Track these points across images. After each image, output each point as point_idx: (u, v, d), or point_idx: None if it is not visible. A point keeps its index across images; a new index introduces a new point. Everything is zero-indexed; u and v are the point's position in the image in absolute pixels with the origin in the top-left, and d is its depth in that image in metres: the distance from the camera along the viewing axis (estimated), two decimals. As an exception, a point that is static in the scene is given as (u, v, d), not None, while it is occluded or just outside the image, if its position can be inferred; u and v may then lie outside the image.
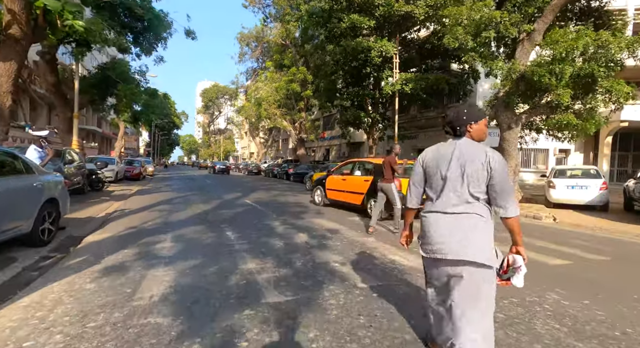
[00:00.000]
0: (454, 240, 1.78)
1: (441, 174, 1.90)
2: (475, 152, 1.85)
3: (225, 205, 9.20)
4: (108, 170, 15.90)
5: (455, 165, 1.84)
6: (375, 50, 15.44)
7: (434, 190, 1.94)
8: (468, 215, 1.80)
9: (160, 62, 15.42)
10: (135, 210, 8.14)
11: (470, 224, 1.78)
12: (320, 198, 9.73)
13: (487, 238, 1.79)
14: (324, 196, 9.61)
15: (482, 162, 1.80)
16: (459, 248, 1.76)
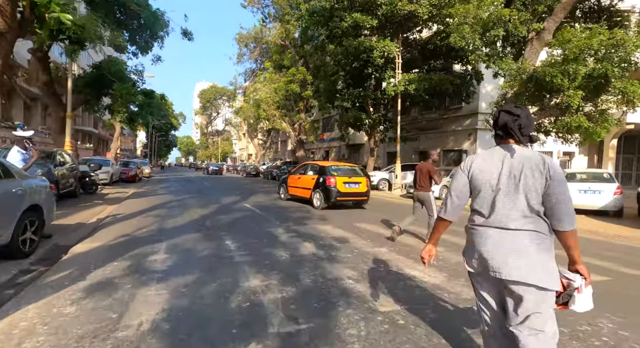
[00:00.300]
0: (515, 260, 1.56)
1: (493, 185, 1.65)
2: (533, 159, 1.60)
3: (224, 210, 8.78)
4: (102, 172, 15.44)
5: (511, 175, 1.62)
6: (378, 50, 15.09)
7: (485, 202, 1.69)
8: (529, 233, 1.58)
9: (157, 61, 14.99)
10: (129, 215, 7.71)
11: (532, 243, 1.57)
12: (283, 194, 11.81)
13: (551, 259, 1.60)
14: (286, 192, 11.63)
15: (541, 170, 1.57)
16: (524, 270, 1.54)
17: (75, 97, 13.52)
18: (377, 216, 8.47)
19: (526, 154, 1.63)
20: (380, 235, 5.85)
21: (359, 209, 10.04)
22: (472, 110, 19.95)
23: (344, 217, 7.95)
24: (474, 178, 1.72)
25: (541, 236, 1.58)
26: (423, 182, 5.47)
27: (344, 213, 8.67)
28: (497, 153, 1.71)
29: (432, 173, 5.42)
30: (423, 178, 5.46)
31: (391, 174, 18.21)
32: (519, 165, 1.60)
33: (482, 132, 19.63)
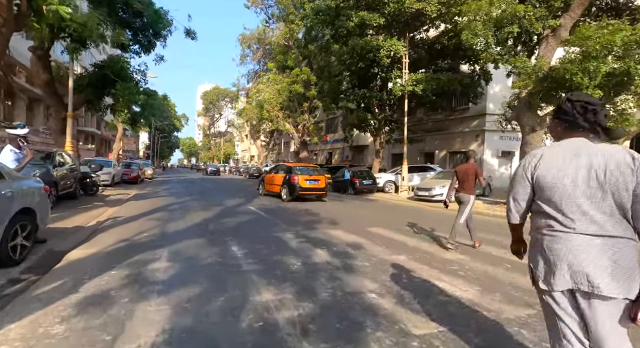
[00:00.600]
0: (611, 272, 1.33)
1: (567, 184, 1.42)
2: (618, 155, 1.37)
3: (228, 213, 8.44)
4: (104, 173, 15.15)
5: (591, 173, 1.39)
6: (385, 49, 14.76)
7: (558, 205, 1.44)
8: (620, 240, 1.35)
9: (160, 61, 14.72)
10: (130, 218, 7.38)
11: (626, 252, 1.34)
12: (261, 190, 14.31)
13: None
14: (263, 188, 14.06)
15: (631, 167, 1.34)
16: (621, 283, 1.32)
17: (77, 96, 13.25)
18: (388, 220, 8.10)
19: (609, 149, 1.41)
20: (395, 241, 5.49)
21: (369, 212, 9.69)
22: (479, 111, 19.57)
23: (354, 221, 7.59)
24: (541, 179, 1.49)
25: (631, 242, 1.37)
26: (467, 184, 5.23)
27: (354, 218, 8.31)
28: (569, 148, 1.48)
29: (478, 174, 5.24)
30: (468, 180, 5.22)
31: (397, 176, 17.82)
32: (602, 162, 1.38)
33: (490, 133, 19.25)
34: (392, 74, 16.26)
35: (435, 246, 5.24)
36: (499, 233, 6.41)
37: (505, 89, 19.67)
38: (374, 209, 10.76)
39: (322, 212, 8.94)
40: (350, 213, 9.30)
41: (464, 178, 5.25)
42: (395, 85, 16.07)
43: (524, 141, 10.39)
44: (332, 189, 18.83)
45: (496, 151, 19.29)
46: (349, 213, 9.28)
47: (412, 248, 5.03)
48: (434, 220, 8.24)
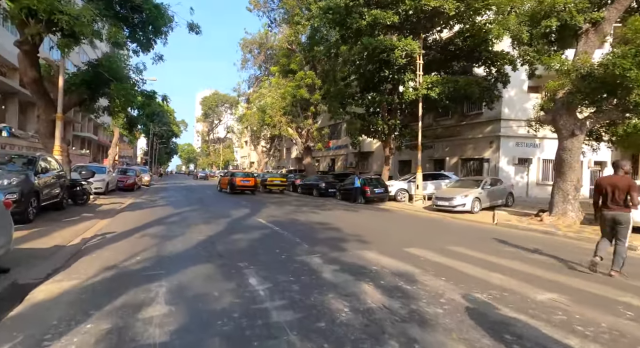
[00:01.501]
0: None
1: None
2: None
3: (236, 227, 7.35)
4: (97, 180, 14.05)
5: None
6: (400, 49, 13.86)
7: None
8: None
9: (159, 60, 13.73)
10: (121, 234, 6.28)
11: None
12: (218, 187, 21.55)
13: None
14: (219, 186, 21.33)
15: None
16: None
17: (68, 97, 12.22)
18: (421, 236, 7.05)
19: None
20: (449, 269, 4.42)
21: (392, 225, 8.63)
22: (493, 117, 18.68)
23: (384, 239, 6.52)
24: None
25: None
26: (619, 200, 4.28)
27: (381, 233, 7.25)
28: None
29: (632, 189, 4.25)
30: (619, 194, 4.26)
31: (410, 184, 16.80)
32: None
33: (506, 139, 18.34)
34: (405, 77, 15.34)
35: (508, 278, 4.15)
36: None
37: (521, 93, 18.86)
38: (395, 221, 9.69)
39: (341, 225, 7.86)
40: (372, 226, 8.24)
41: (616, 193, 4.29)
42: (408, 89, 15.14)
43: (562, 146, 9.40)
44: (339, 197, 17.80)
45: (512, 158, 18.35)
46: (371, 226, 8.21)
47: (478, 281, 3.95)
48: (474, 238, 7.19)
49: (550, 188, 18.54)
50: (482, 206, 12.42)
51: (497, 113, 18.50)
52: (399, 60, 14.03)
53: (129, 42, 12.90)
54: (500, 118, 18.44)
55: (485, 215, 11.67)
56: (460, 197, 12.03)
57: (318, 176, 21.69)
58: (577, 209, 9.52)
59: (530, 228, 8.78)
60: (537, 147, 18.60)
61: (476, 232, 8.06)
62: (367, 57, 15.29)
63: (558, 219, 9.51)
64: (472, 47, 16.10)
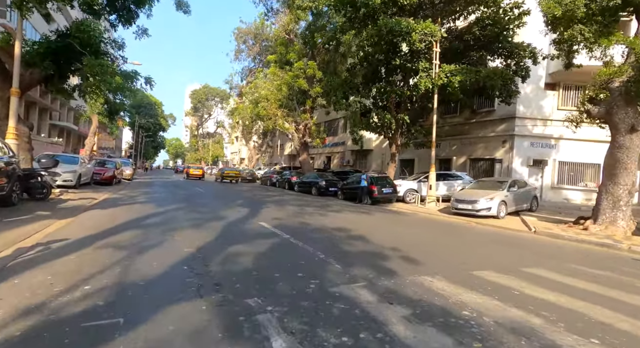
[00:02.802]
0: None
1: None
2: None
3: (234, 234, 5.69)
4: (66, 171, 12.12)
5: None
6: (418, 32, 12.38)
7: None
8: None
9: (143, 35, 11.88)
10: (75, 243, 4.56)
11: None
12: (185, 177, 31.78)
13: None
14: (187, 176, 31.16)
15: None
16: None
17: (30, 72, 10.28)
18: (464, 247, 5.56)
19: None
20: (556, 307, 2.92)
21: (427, 235, 7.11)
22: (507, 114, 17.42)
23: (426, 250, 5.01)
24: None
25: None
26: None
27: (421, 245, 5.74)
28: None
29: None
30: None
31: (420, 184, 15.39)
32: None
33: (520, 138, 17.11)
34: (419, 65, 13.85)
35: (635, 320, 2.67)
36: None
37: (537, 89, 17.64)
38: (421, 227, 8.20)
39: (364, 232, 6.30)
40: (401, 234, 6.71)
41: None
42: (423, 78, 13.66)
43: (617, 144, 8.04)
44: (342, 197, 16.28)
45: (526, 159, 17.12)
46: (400, 234, 6.68)
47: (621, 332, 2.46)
48: (532, 253, 5.74)
49: (567, 192, 17.69)
50: (507, 211, 11.07)
51: (511, 110, 17.25)
52: (417, 44, 12.54)
53: (107, 13, 11.03)
54: (515, 116, 17.19)
55: (512, 221, 10.33)
56: (484, 200, 10.64)
57: (317, 174, 20.06)
58: (628, 217, 8.20)
59: (580, 239, 7.41)
60: (552, 147, 17.43)
61: (524, 244, 6.63)
62: (377, 43, 13.73)
63: (606, 228, 8.18)
64: (491, 37, 14.78)
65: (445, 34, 13.34)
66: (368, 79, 17.25)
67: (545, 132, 17.37)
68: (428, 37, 12.63)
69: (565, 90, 17.61)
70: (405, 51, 16.43)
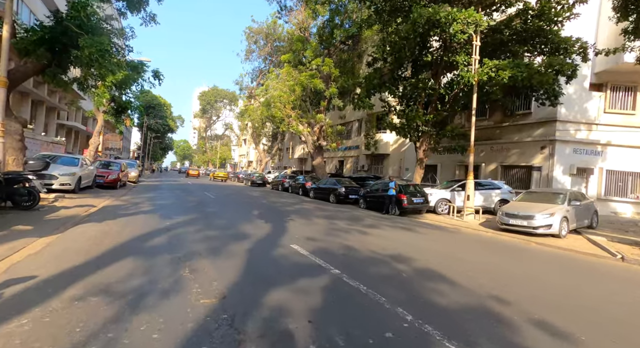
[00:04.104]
0: None
1: None
2: None
3: (266, 270, 4.19)
4: (64, 173, 10.86)
5: None
6: (460, 21, 10.90)
7: None
8: None
9: (151, 22, 10.63)
10: (42, 287, 3.14)
11: None
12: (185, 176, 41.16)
13: None
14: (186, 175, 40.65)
15: None
16: None
17: (25, 61, 9.05)
18: (577, 289, 4.02)
19: None
20: None
21: (509, 264, 5.57)
22: (546, 117, 15.78)
23: (542, 296, 3.52)
24: None
25: None
26: None
27: (544, 299, 4.21)
28: None
29: None
30: None
31: (454, 193, 13.82)
32: None
33: (562, 144, 15.44)
34: (458, 58, 12.33)
35: None
36: None
37: (581, 90, 15.98)
38: (490, 251, 6.67)
39: (435, 264, 4.81)
40: (481, 266, 5.18)
41: None
42: (465, 72, 12.14)
43: None
44: (364, 205, 14.79)
45: (569, 167, 15.44)
46: (479, 265, 5.15)
47: None
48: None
49: (615, 205, 15.92)
50: (569, 228, 9.46)
51: (551, 113, 15.62)
52: (459, 36, 11.05)
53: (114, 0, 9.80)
54: (557, 119, 15.53)
55: (578, 241, 8.74)
56: (542, 215, 9.05)
57: (335, 179, 18.57)
58: None
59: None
60: (599, 155, 15.73)
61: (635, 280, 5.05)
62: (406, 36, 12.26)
63: None
64: (533, 31, 13.22)
65: (493, 22, 11.80)
66: (394, 76, 15.83)
67: (590, 137, 15.70)
68: (470, 28, 11.13)
69: (613, 92, 15.94)
70: (436, 46, 15.02)
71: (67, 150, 30.52)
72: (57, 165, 11.32)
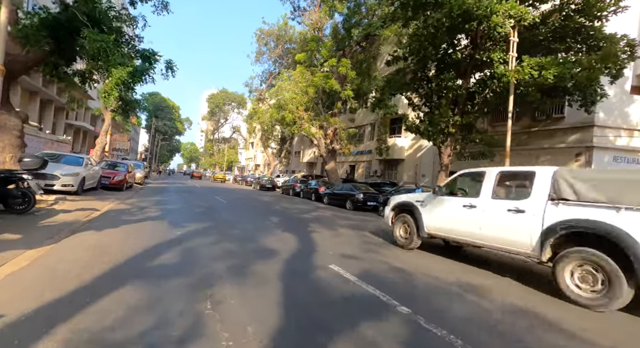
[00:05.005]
0: None
1: None
2: None
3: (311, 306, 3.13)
4: (67, 174, 10.04)
5: None
6: (500, 14, 9.91)
7: None
8: None
9: (164, 10, 9.83)
10: (16, 323, 2.19)
11: None
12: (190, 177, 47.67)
13: None
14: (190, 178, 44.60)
15: None
16: None
17: (27, 50, 8.27)
18: None
19: None
20: None
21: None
22: (582, 122, 14.60)
23: None
24: None
25: None
26: None
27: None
28: None
29: None
30: None
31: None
32: None
33: (600, 151, 14.23)
34: (493, 55, 11.31)
35: None
36: None
37: (621, 93, 14.81)
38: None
39: (517, 298, 3.77)
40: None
41: None
42: (500, 69, 11.10)
43: None
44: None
45: (608, 175, 14.15)
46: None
47: None
48: None
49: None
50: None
51: (587, 118, 14.43)
52: (499, 29, 10.05)
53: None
54: (594, 124, 14.35)
55: None
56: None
57: (352, 185, 17.55)
58: None
59: None
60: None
61: None
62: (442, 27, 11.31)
63: None
64: (573, 28, 12.18)
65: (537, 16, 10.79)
66: (417, 76, 14.87)
67: (632, 144, 14.50)
68: (508, 23, 10.12)
69: None
70: (464, 44, 14.06)
71: (75, 150, 30.04)
72: (60, 164, 10.55)
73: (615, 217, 3.67)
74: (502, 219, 4.66)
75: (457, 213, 5.37)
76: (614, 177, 4.18)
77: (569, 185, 4.15)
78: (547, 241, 4.08)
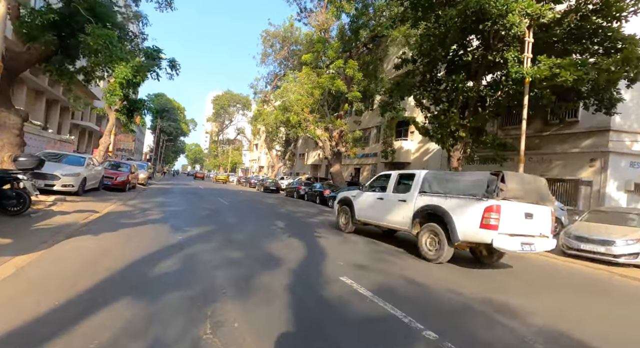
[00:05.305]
0: None
1: None
2: None
3: (325, 330, 2.77)
4: (67, 174, 9.79)
5: None
6: (516, 13, 9.54)
7: None
8: None
9: (167, 7, 9.58)
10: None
11: None
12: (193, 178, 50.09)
13: None
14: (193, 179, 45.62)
15: None
16: None
17: (29, 47, 8.05)
18: None
19: None
20: None
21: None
22: (596, 126, 14.10)
23: None
24: None
25: None
26: None
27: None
28: None
29: None
30: None
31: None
32: None
33: (617, 156, 13.73)
34: (509, 53, 10.88)
35: None
36: None
37: (639, 96, 14.40)
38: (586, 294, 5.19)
39: (553, 318, 3.40)
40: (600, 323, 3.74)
41: None
42: (515, 68, 10.68)
43: None
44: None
45: (624, 183, 13.69)
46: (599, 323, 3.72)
47: None
48: None
49: None
50: (656, 257, 7.88)
51: (602, 122, 13.94)
52: (514, 29, 9.67)
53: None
54: (610, 128, 13.85)
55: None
56: (625, 241, 7.50)
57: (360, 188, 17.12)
58: None
59: None
60: (661, 169, 13.97)
61: None
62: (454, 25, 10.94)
63: None
64: (590, 29, 11.75)
65: (558, 15, 10.40)
66: (426, 79, 14.52)
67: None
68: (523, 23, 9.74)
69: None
70: (475, 45, 13.71)
71: (80, 150, 29.97)
72: (61, 164, 10.31)
73: (444, 202, 5.88)
74: (395, 207, 6.80)
75: (373, 204, 7.45)
76: (448, 176, 6.30)
77: (429, 182, 6.30)
78: (415, 220, 6.25)
